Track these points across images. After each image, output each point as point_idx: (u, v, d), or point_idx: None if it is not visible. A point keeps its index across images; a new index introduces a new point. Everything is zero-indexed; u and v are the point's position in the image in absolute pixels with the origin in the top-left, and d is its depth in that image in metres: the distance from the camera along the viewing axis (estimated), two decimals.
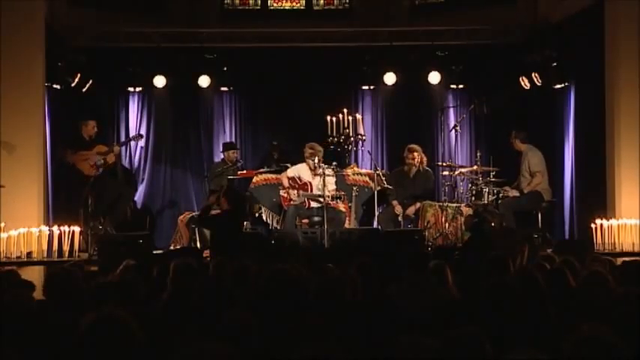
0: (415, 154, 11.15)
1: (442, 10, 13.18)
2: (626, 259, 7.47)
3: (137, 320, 3.24)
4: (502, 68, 12.00)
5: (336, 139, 10.87)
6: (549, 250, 8.55)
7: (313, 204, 10.61)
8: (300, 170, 10.81)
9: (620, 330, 3.27)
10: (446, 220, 10.50)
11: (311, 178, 10.68)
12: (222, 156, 11.87)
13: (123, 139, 12.47)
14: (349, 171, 11.25)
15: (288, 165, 11.02)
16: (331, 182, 10.60)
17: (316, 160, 10.54)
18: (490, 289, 4.29)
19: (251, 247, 9.00)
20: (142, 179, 12.39)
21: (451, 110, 12.64)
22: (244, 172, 11.45)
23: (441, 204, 10.83)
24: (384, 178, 10.91)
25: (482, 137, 12.74)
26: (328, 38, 12.63)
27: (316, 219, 10.42)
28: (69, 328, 3.59)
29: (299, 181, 10.76)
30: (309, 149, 10.66)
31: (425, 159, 11.33)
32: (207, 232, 10.40)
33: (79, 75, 11.26)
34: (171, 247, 10.73)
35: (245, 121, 12.99)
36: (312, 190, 10.60)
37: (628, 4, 9.95)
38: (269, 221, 11.06)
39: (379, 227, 10.72)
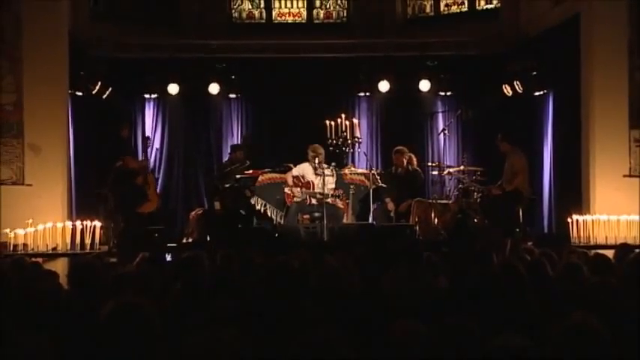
0: (402, 155, 11.17)
1: (432, 23, 13.23)
2: (599, 251, 7.47)
3: (153, 307, 3.24)
4: (486, 77, 12.01)
5: (334, 142, 10.86)
6: (529, 244, 8.56)
7: (314, 200, 10.60)
8: (304, 170, 10.78)
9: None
10: (435, 216, 10.49)
11: (314, 177, 10.65)
12: (230, 156, 11.86)
13: (140, 142, 12.50)
14: (347, 171, 11.27)
15: (291, 165, 11.01)
16: (331, 182, 10.59)
17: (316, 162, 10.54)
18: (476, 279, 4.29)
19: (256, 241, 9.04)
20: (157, 178, 12.39)
21: (440, 115, 12.66)
22: (250, 171, 11.44)
23: (430, 201, 10.82)
24: (378, 178, 10.91)
25: (469, 140, 12.76)
26: (327, 49, 12.65)
27: (317, 215, 10.41)
28: (91, 315, 3.59)
29: (302, 180, 10.75)
30: (312, 151, 10.62)
31: (414, 159, 11.33)
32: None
33: (99, 83, 11.28)
34: (184, 241, 10.73)
35: (251, 125, 13.01)
36: (314, 189, 10.59)
37: (602, 18, 9.98)
38: (273, 217, 11.06)
39: (374, 222, 10.72)
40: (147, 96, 12.65)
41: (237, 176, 11.27)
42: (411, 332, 3.08)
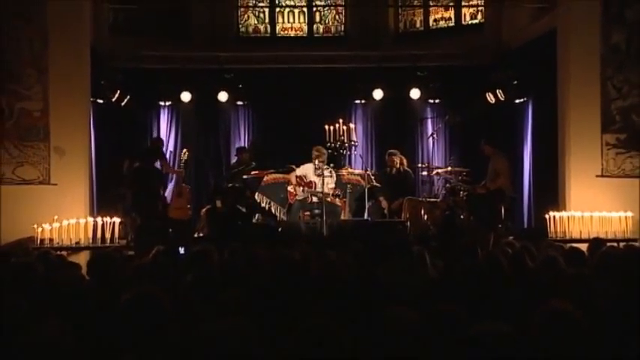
0: (394, 157, 11.17)
1: (422, 37, 13.23)
2: (574, 244, 7.46)
3: (167, 296, 3.22)
4: (471, 85, 11.98)
5: (333, 145, 10.84)
6: (511, 238, 8.53)
7: (314, 199, 10.57)
8: (306, 170, 10.76)
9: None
10: (424, 213, 10.47)
11: (315, 178, 10.63)
12: (237, 158, 11.84)
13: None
14: (344, 172, 11.23)
15: (294, 166, 10.99)
16: (331, 182, 10.57)
17: (316, 163, 10.52)
18: (462, 270, 4.28)
19: (261, 236, 9.02)
20: (171, 178, 12.36)
21: (429, 121, 12.64)
22: (256, 172, 11.41)
23: (420, 199, 10.81)
24: (373, 178, 10.90)
25: (455, 143, 12.74)
26: (326, 60, 12.64)
27: (317, 212, 10.36)
28: (110, 303, 3.58)
29: (305, 180, 10.72)
30: (315, 151, 10.61)
31: (405, 161, 11.32)
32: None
33: (118, 91, 11.26)
34: (195, 235, 10.71)
35: (257, 130, 13.00)
36: (315, 188, 10.57)
37: (576, 33, 9.98)
38: (277, 214, 11.04)
39: (369, 219, 10.69)
40: (161, 103, 12.64)
41: (245, 177, 11.26)
42: (403, 318, 3.07)
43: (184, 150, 11.36)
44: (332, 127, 10.90)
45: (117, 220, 9.46)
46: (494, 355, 2.70)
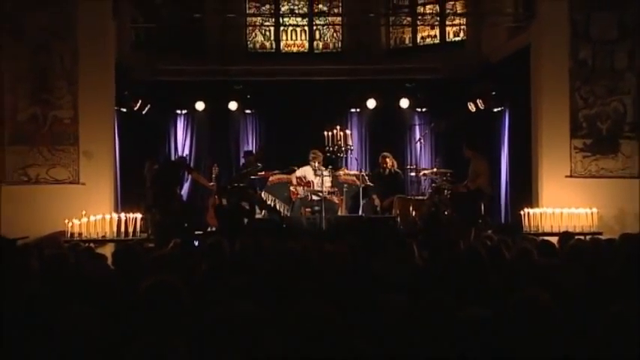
0: (387, 159, 11.17)
1: (410, 52, 13.26)
2: (546, 238, 7.46)
3: (183, 284, 3.22)
4: (454, 96, 11.98)
5: (331, 149, 10.84)
6: (490, 232, 8.54)
7: (314, 197, 10.57)
8: (306, 171, 10.76)
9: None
10: (413, 210, 10.47)
11: (314, 178, 10.63)
12: (245, 161, 11.82)
13: (172, 150, 12.53)
14: (341, 172, 11.22)
15: (295, 168, 10.99)
16: (328, 182, 10.57)
17: (316, 164, 10.53)
18: (446, 260, 4.28)
19: (267, 230, 9.02)
20: (187, 179, 12.37)
21: (417, 127, 12.64)
22: (262, 173, 11.41)
23: (409, 197, 10.80)
24: (366, 178, 10.90)
25: (440, 147, 12.75)
26: (325, 73, 12.66)
27: (316, 208, 10.37)
28: (132, 290, 3.57)
29: (304, 180, 10.72)
30: (312, 154, 10.65)
31: (395, 163, 11.32)
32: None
33: (139, 101, 11.26)
34: (208, 230, 10.70)
35: (263, 135, 13.00)
36: (314, 188, 10.57)
37: (547, 49, 9.99)
38: (281, 210, 11.03)
39: (363, 215, 10.69)
40: (178, 112, 12.66)
41: (252, 177, 11.25)
42: (394, 305, 3.07)
43: (215, 165, 11.21)
44: (330, 133, 10.90)
45: (139, 215, 9.46)
46: (476, 336, 2.71)
